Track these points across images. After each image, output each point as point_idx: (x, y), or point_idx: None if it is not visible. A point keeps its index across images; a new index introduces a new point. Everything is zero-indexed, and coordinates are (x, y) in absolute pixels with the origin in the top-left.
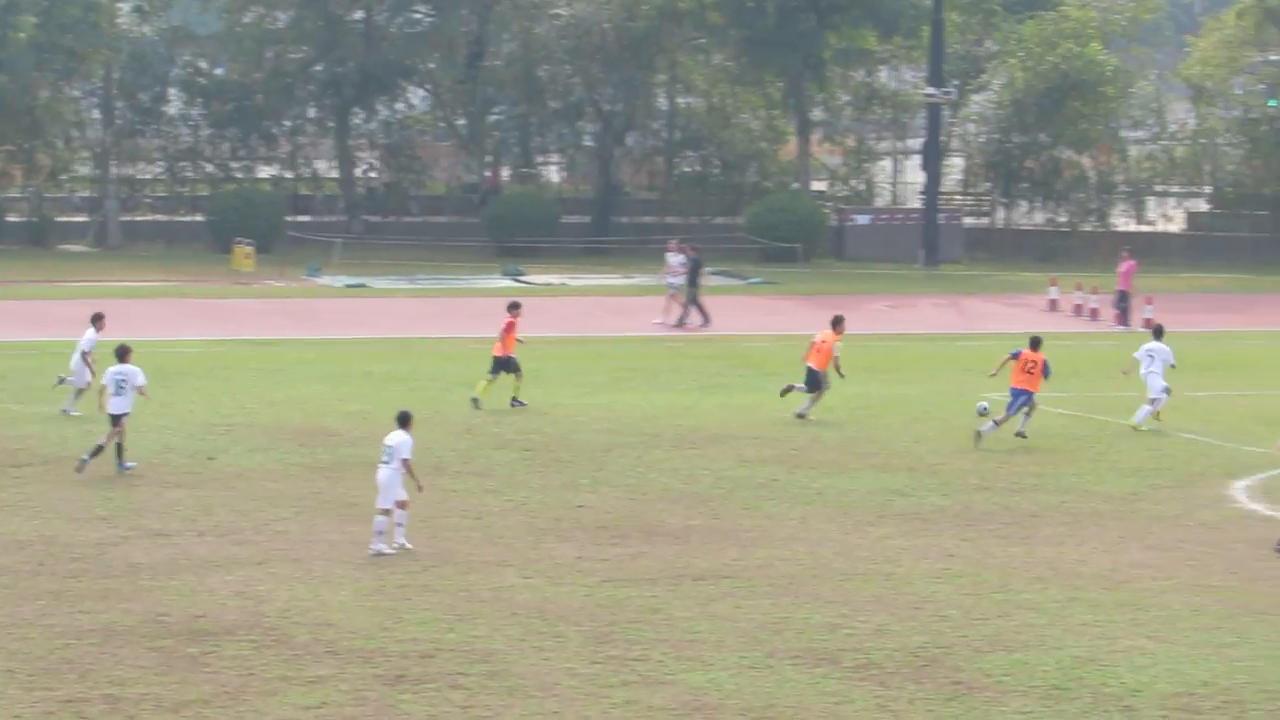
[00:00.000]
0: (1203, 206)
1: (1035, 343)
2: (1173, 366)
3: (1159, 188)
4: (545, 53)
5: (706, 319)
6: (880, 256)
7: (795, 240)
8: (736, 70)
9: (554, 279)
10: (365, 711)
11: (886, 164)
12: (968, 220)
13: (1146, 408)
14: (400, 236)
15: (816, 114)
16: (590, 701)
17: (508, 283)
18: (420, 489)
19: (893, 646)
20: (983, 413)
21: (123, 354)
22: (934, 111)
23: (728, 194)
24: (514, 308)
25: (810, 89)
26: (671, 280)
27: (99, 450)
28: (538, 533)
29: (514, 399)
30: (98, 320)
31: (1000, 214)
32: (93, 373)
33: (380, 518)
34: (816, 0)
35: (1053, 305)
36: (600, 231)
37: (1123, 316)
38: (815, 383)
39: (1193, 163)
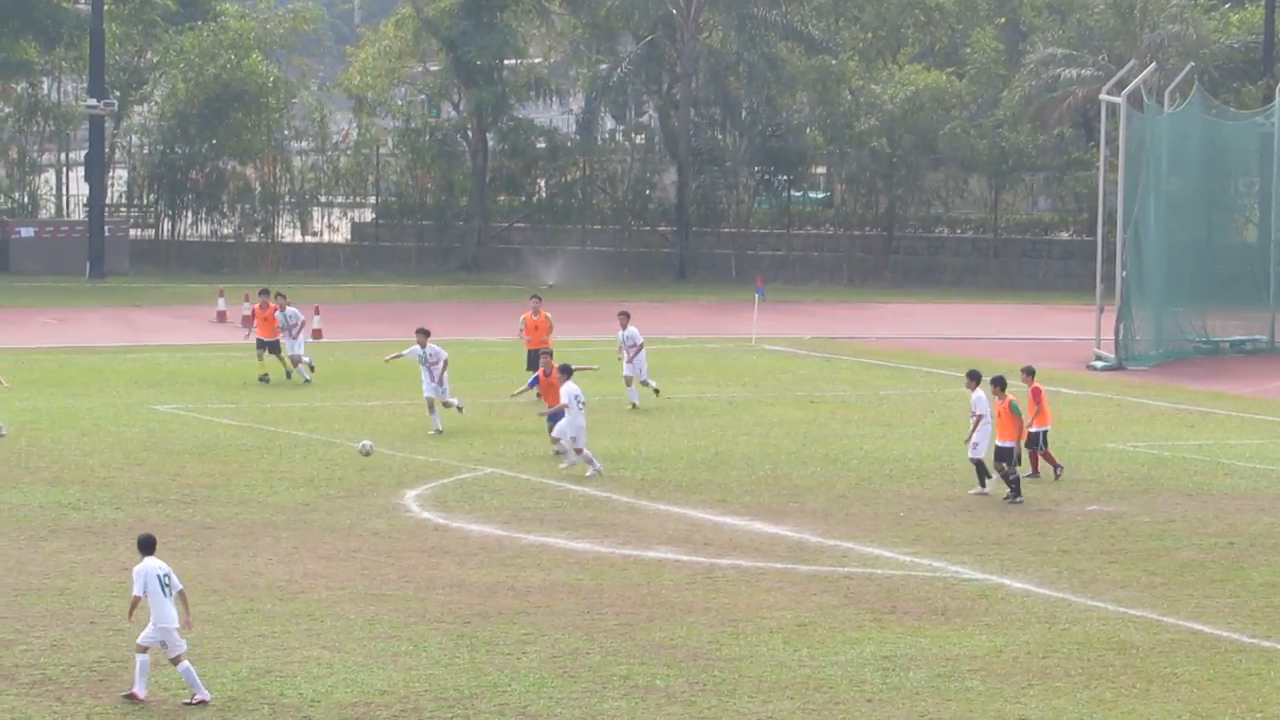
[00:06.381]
0: (368, 216)
1: None
2: None
3: (324, 198)
4: None
5: None
6: (46, 270)
7: None
8: None
9: None
10: None
11: (50, 176)
12: (134, 232)
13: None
14: None
15: None
16: None
17: None
18: None
19: (69, 661)
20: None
21: None
22: (96, 123)
23: None
24: None
25: None
26: None
27: None
28: None
29: None
30: None
31: (166, 225)
32: None
33: None
34: None
35: (221, 317)
36: None
37: None
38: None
39: (357, 173)
